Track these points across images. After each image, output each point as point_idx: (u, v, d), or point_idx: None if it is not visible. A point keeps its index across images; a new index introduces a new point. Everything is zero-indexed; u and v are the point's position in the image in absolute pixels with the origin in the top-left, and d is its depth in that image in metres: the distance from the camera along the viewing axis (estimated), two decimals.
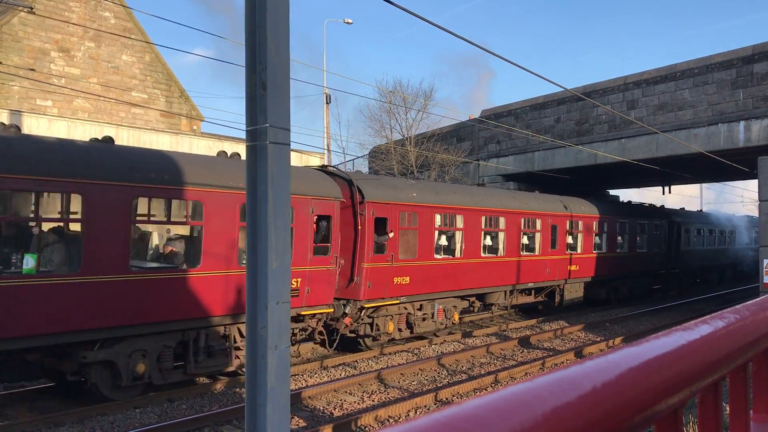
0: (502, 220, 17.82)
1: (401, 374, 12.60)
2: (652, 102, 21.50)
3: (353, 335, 14.41)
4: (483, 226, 17.10)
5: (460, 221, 16.31)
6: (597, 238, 22.69)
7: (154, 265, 10.90)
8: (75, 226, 9.82)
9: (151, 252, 11.58)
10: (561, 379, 0.94)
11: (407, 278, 14.66)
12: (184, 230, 11.94)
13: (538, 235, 19.29)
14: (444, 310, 16.00)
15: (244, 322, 5.39)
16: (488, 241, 17.56)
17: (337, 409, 10.25)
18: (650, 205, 28.53)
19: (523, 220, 18.72)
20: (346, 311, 13.69)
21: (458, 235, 16.30)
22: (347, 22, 33.62)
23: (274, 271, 4.74)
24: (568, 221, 20.71)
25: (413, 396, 10.97)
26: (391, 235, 14.20)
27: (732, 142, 19.32)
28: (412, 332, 15.41)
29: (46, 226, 9.94)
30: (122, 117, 25.19)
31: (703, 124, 19.97)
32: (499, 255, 17.74)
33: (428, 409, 10.42)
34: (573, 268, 20.79)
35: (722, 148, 19.57)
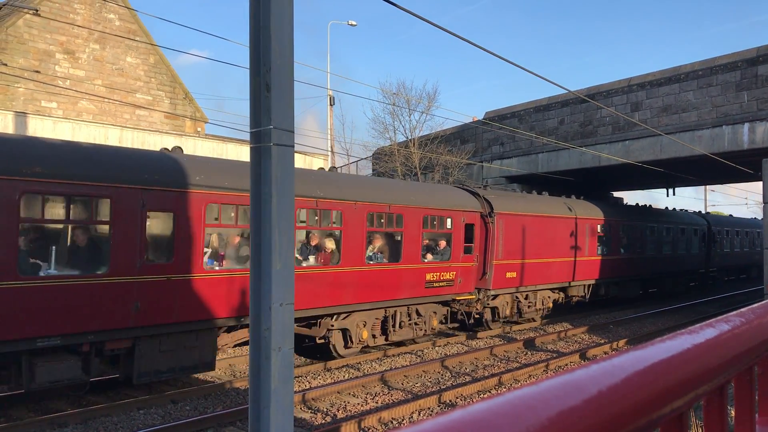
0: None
1: (405, 376, 12.59)
2: (656, 104, 21.46)
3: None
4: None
5: None
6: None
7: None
8: None
9: None
10: (567, 382, 0.94)
11: None
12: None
13: None
14: None
15: None
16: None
17: (340, 411, 10.24)
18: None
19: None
20: None
21: None
22: (351, 24, 33.66)
23: (278, 273, 4.74)
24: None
25: (417, 398, 10.95)
26: None
27: (736, 144, 19.28)
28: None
29: None
30: (127, 119, 25.26)
31: (708, 126, 19.92)
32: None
33: (432, 411, 10.41)
34: None
35: (726, 150, 19.53)
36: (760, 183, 16.48)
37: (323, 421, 9.75)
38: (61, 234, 9.78)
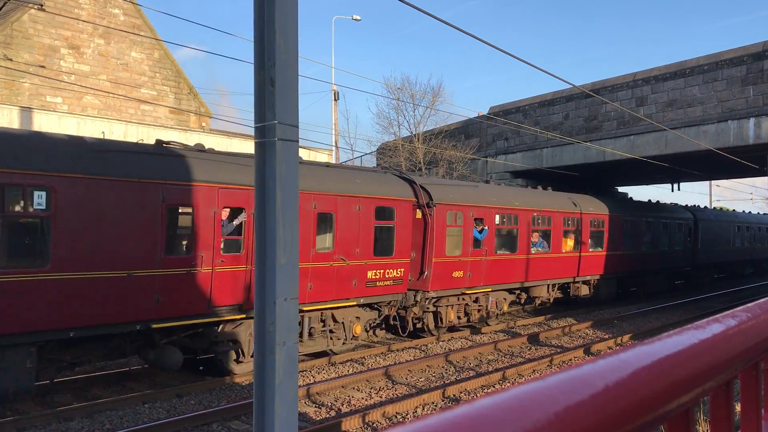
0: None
1: (409, 371, 12.61)
2: (661, 99, 21.38)
3: None
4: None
5: None
6: None
7: None
8: None
9: None
10: (573, 377, 0.93)
11: None
12: None
13: None
14: None
15: None
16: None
17: (344, 405, 10.27)
18: None
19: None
20: None
21: None
22: (355, 19, 33.59)
23: (282, 267, 4.74)
24: None
25: (421, 392, 10.97)
26: None
27: (742, 139, 19.19)
28: None
29: None
30: (131, 114, 25.30)
31: (713, 121, 19.84)
32: None
33: (436, 406, 10.43)
34: None
35: (732, 145, 19.45)
36: (766, 178, 16.41)
37: (327, 415, 9.78)
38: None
